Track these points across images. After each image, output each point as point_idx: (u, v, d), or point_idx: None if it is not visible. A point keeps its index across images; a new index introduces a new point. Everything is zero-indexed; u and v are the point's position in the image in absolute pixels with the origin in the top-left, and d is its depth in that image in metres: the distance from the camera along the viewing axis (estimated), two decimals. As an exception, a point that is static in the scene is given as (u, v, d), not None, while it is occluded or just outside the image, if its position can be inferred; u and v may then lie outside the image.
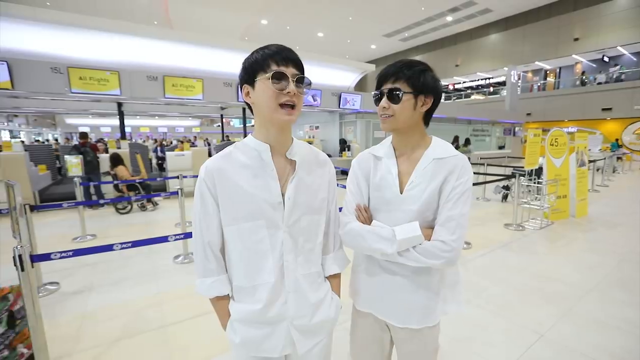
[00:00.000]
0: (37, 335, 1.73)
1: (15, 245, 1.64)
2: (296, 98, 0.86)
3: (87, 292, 2.97)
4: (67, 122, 20.38)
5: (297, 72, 0.86)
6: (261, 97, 0.86)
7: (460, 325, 2.37)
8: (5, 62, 5.94)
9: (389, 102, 0.99)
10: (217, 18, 17.00)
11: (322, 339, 1.00)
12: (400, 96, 0.96)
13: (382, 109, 1.01)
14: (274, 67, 0.84)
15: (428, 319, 1.05)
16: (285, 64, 0.85)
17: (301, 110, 0.91)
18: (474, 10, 17.92)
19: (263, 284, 0.91)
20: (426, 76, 0.97)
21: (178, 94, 7.80)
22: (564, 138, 5.57)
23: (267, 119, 0.88)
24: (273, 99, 0.84)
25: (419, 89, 0.97)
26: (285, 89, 0.84)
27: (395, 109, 0.98)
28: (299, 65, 0.87)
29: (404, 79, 0.96)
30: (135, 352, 2.13)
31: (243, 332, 0.93)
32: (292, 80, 0.85)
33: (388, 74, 1.00)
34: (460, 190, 0.96)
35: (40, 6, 11.59)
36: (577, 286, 3.01)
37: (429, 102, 1.00)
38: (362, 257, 1.13)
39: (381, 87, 1.02)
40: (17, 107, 10.61)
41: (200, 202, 0.91)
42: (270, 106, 0.85)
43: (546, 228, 4.90)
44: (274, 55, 0.84)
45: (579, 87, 18.30)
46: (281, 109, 0.85)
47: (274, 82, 0.83)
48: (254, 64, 0.85)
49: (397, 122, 1.00)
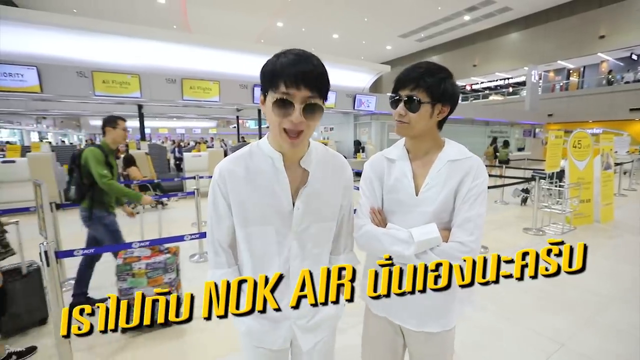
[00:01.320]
0: (59, 327, 1.81)
1: (42, 242, 1.72)
2: (302, 126, 0.79)
3: (108, 287, 3.07)
4: (92, 123, 21.23)
5: (308, 95, 0.77)
6: (268, 114, 0.82)
7: (473, 332, 2.32)
8: (35, 67, 6.25)
9: (406, 110, 0.97)
10: (233, 21, 17.29)
11: (325, 335, 1.02)
12: (418, 105, 0.95)
13: (398, 115, 0.99)
14: (282, 89, 0.76)
15: (444, 322, 1.04)
16: (295, 85, 0.75)
17: (312, 132, 0.85)
18: (493, 9, 17.48)
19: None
20: (446, 84, 0.96)
21: (195, 96, 7.99)
22: (588, 140, 5.36)
23: (275, 136, 0.85)
24: (277, 123, 0.79)
25: (438, 97, 0.96)
26: (289, 116, 0.77)
27: (412, 117, 0.97)
28: (313, 84, 0.77)
29: (424, 87, 0.95)
30: (152, 347, 2.19)
31: (247, 324, 0.96)
32: (301, 106, 0.77)
33: (408, 79, 0.96)
34: (476, 192, 0.95)
35: (68, 13, 12.14)
36: (600, 294, 2.89)
37: (446, 110, 0.99)
38: (375, 260, 1.11)
39: (399, 90, 0.99)
40: (45, 109, 11.14)
41: (212, 203, 0.93)
42: (274, 129, 0.82)
43: (568, 233, 4.73)
44: (285, 72, 0.75)
45: (605, 87, 17.53)
46: (284, 134, 0.80)
47: (277, 108, 0.77)
48: (266, 75, 0.79)
49: (413, 129, 0.99)
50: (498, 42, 20.84)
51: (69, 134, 25.17)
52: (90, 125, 21.51)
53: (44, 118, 20.65)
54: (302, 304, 0.92)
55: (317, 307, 0.94)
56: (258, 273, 0.92)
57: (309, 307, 0.93)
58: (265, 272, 0.91)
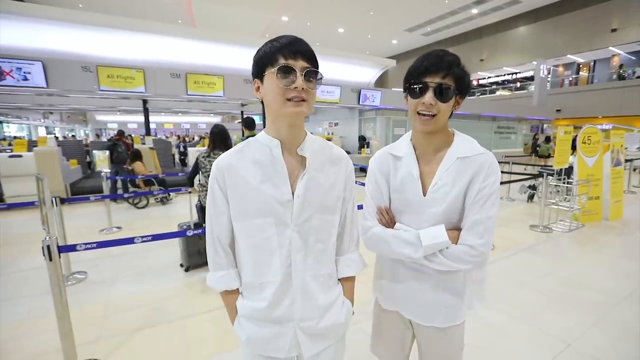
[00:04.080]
0: (63, 322, 1.82)
1: (44, 236, 1.72)
2: (305, 93, 0.81)
3: (112, 282, 3.10)
4: (97, 118, 21.37)
5: (306, 65, 0.81)
6: (269, 92, 0.82)
7: (481, 331, 2.28)
8: (40, 62, 6.27)
9: (437, 100, 0.90)
10: (238, 15, 17.19)
11: (331, 344, 0.96)
12: (451, 94, 0.91)
13: (427, 106, 0.90)
14: (282, 61, 0.79)
15: (454, 317, 1.03)
16: (293, 57, 0.80)
17: (313, 105, 0.86)
18: (501, 1, 17.12)
19: (269, 282, 0.89)
20: (468, 77, 0.94)
21: (200, 90, 7.97)
22: (598, 136, 5.24)
23: (276, 114, 0.85)
24: (280, 95, 0.80)
25: (462, 89, 0.93)
26: (292, 83, 0.79)
27: (442, 108, 0.91)
28: (309, 58, 0.82)
29: (454, 76, 0.90)
30: (155, 342, 2.20)
31: (249, 330, 0.92)
32: (301, 74, 0.80)
33: (438, 66, 0.90)
34: (487, 192, 0.91)
35: (73, 8, 12.16)
36: (609, 293, 2.83)
37: (460, 102, 0.97)
38: (386, 259, 1.11)
39: (424, 77, 0.91)
40: (52, 104, 11.21)
41: (211, 198, 0.92)
42: (278, 101, 0.81)
43: (576, 230, 4.65)
44: (282, 48, 0.80)
45: (616, 82, 17.13)
46: (289, 102, 0.81)
47: (280, 76, 0.79)
48: (263, 58, 0.82)
49: (439, 123, 0.93)
50: (506, 35, 20.46)
51: (76, 129, 25.37)
52: (96, 120, 21.64)
53: (51, 113, 20.79)
54: (308, 306, 0.90)
55: (324, 310, 0.92)
56: (259, 270, 0.90)
57: (315, 309, 0.91)
58: (267, 268, 0.89)
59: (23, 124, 21.01)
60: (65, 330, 1.82)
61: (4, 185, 6.15)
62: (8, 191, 6.12)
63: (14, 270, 3.34)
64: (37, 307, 2.62)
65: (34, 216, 5.07)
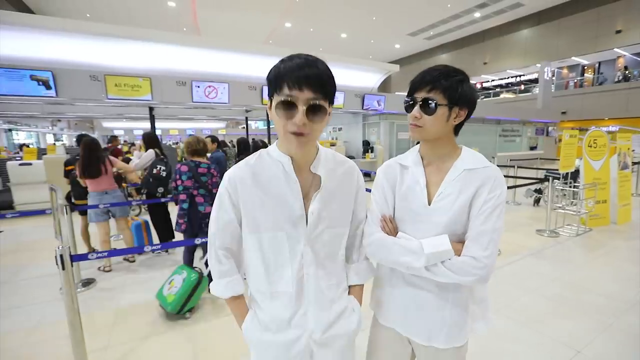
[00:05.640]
0: (74, 329, 1.85)
1: (57, 245, 1.76)
2: (307, 128, 0.79)
3: (121, 288, 3.14)
4: (104, 125, 21.64)
5: (312, 97, 0.77)
6: (274, 117, 0.83)
7: (487, 337, 2.27)
8: (50, 72, 6.41)
9: (422, 112, 0.94)
10: (242, 23, 17.40)
11: (341, 350, 0.97)
12: (434, 107, 0.92)
13: (413, 117, 0.96)
14: (285, 91, 0.77)
15: (455, 338, 0.99)
16: (299, 87, 0.76)
17: (319, 135, 0.86)
18: (504, 5, 17.15)
19: (282, 293, 0.91)
20: (464, 87, 0.92)
21: (204, 98, 8.06)
22: (604, 139, 5.21)
23: (281, 140, 0.87)
24: (282, 126, 0.81)
25: (455, 100, 0.92)
26: (293, 118, 0.78)
27: (427, 120, 0.93)
28: (319, 85, 0.78)
29: (440, 89, 0.91)
30: (163, 349, 2.22)
31: (260, 338, 0.93)
32: (304, 107, 0.77)
33: (424, 81, 0.93)
34: (493, 204, 0.90)
35: (81, 18, 12.42)
36: (618, 299, 2.80)
37: (463, 114, 0.96)
38: (386, 269, 1.09)
39: (414, 93, 0.96)
40: (61, 112, 11.41)
41: (218, 209, 0.93)
42: (280, 131, 0.83)
43: (583, 235, 4.61)
44: (289, 73, 0.77)
45: (622, 83, 17.02)
46: (290, 136, 0.80)
47: (282, 109, 0.78)
48: (272, 80, 0.81)
49: (428, 133, 0.96)
50: (509, 38, 20.44)
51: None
52: (103, 127, 21.94)
53: (58, 121, 21.13)
54: (320, 316, 0.91)
55: (335, 319, 0.93)
56: (272, 282, 0.91)
57: (326, 319, 0.92)
58: (279, 280, 0.91)
59: (32, 131, 21.37)
60: (77, 338, 1.86)
61: (14, 192, 6.26)
62: (18, 199, 6.23)
63: (24, 278, 3.40)
64: (49, 315, 2.66)
65: (42, 223, 5.17)
